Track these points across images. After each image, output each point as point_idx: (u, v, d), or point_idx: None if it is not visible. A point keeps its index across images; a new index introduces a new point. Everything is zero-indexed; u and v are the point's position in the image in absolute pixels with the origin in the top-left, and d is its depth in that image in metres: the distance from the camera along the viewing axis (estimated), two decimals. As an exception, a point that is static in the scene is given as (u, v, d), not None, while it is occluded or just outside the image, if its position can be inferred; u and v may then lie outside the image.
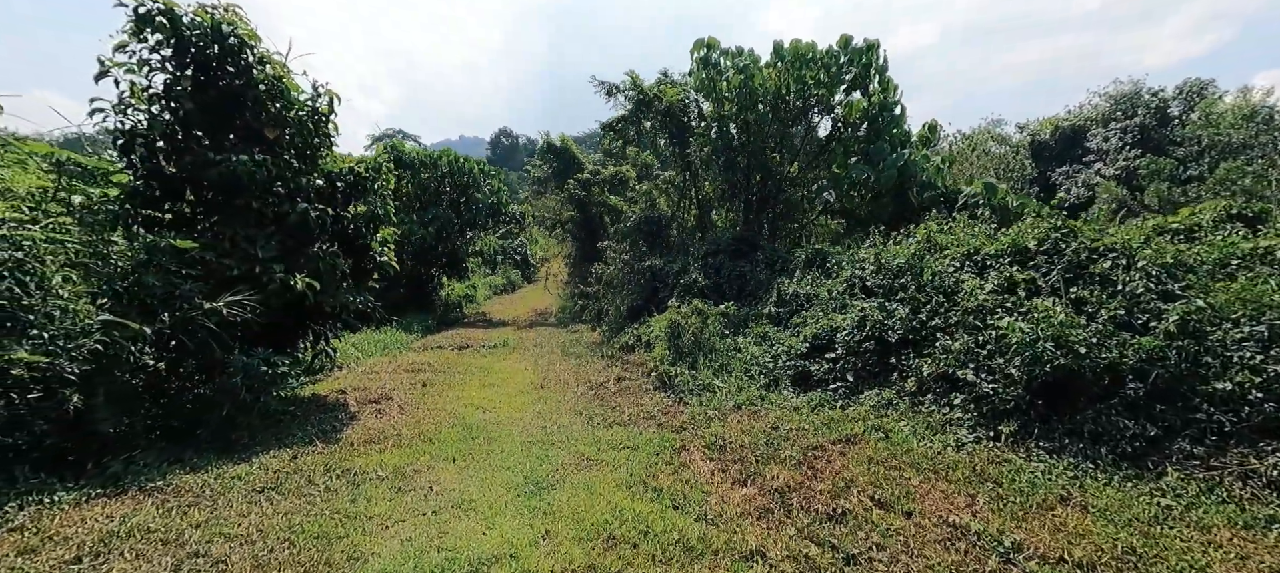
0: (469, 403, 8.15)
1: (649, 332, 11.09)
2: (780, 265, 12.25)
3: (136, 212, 6.53)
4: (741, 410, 7.28)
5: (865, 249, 9.54)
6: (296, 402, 7.69)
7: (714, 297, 11.99)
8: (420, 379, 9.57)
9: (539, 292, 30.11)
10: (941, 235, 8.31)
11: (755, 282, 11.90)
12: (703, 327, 9.53)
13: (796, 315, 9.48)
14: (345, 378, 9.53)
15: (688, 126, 15.87)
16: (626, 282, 15.04)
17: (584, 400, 8.32)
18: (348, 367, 10.67)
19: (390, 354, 12.48)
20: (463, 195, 20.09)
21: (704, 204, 16.38)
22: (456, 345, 14.02)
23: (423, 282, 20.52)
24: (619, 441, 6.39)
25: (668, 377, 8.57)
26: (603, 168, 21.41)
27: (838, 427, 6.24)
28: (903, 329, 7.18)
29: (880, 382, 7.14)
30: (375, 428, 6.86)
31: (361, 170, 7.68)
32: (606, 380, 9.31)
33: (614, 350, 11.75)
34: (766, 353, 8.73)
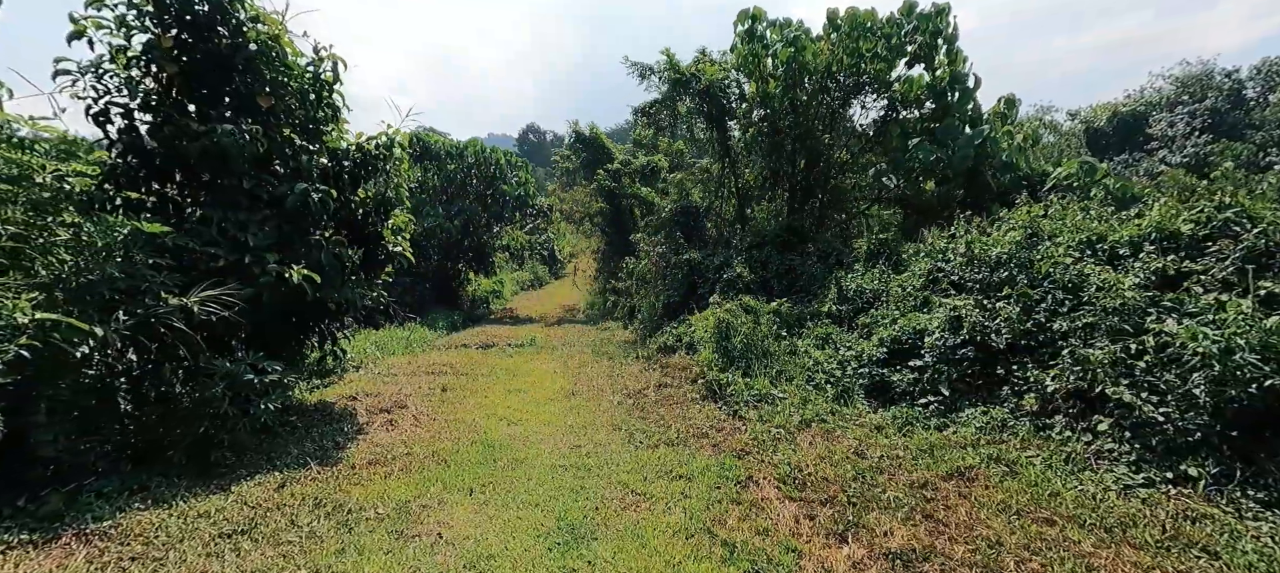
0: (492, 413, 7.08)
1: (690, 332, 9.87)
2: (835, 259, 10.88)
3: (118, 193, 5.64)
4: (811, 429, 6.01)
5: (944, 239, 8.13)
6: (299, 410, 6.75)
7: (760, 293, 10.70)
8: (440, 383, 8.56)
9: (566, 287, 29.19)
10: (1047, 221, 6.86)
11: (807, 276, 10.56)
12: (755, 327, 8.27)
13: (864, 315, 8.13)
14: (359, 381, 8.59)
15: (727, 109, 14.55)
16: (661, 277, 13.84)
17: (622, 411, 7.17)
18: (365, 367, 9.78)
19: (412, 353, 11.56)
20: (489, 188, 19.19)
21: (743, 194, 15.04)
22: (481, 344, 13.06)
23: (448, 277, 19.72)
24: (669, 466, 5.21)
25: (718, 385, 7.35)
26: (633, 158, 20.23)
27: (943, 456, 4.92)
28: (1012, 332, 5.80)
29: (985, 397, 5.78)
30: (383, 444, 5.84)
31: (371, 148, 6.67)
32: (645, 387, 8.14)
33: (651, 352, 10.57)
34: (832, 358, 7.42)
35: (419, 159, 18.59)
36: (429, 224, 17.09)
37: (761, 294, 10.66)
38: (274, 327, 6.12)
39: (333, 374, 8.49)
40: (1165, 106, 32.93)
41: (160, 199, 5.93)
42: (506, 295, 24.84)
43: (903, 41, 11.45)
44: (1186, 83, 32.88)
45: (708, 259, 12.28)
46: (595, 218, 20.65)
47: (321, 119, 6.54)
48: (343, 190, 6.60)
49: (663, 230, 14.19)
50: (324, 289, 6.08)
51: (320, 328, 6.76)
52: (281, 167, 6.22)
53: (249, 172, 5.77)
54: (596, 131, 20.71)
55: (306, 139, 6.41)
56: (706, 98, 14.09)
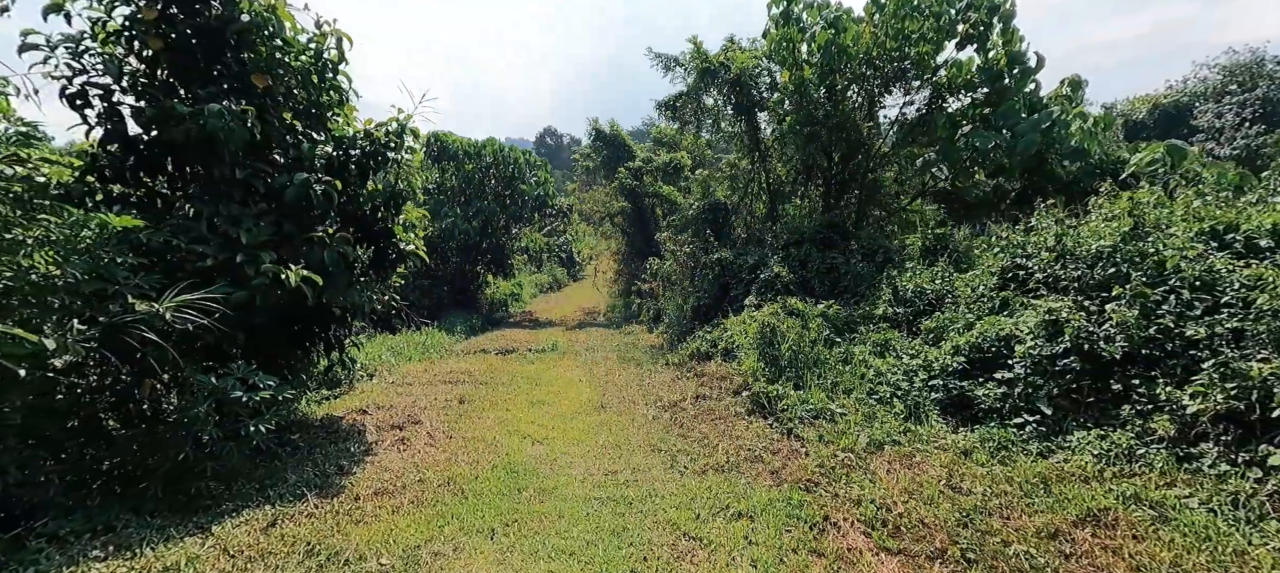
0: (514, 429, 6.30)
1: (726, 337, 9.00)
2: (882, 256, 9.92)
3: (102, 187, 5.00)
4: (884, 453, 5.12)
5: (1018, 232, 7.14)
6: (303, 426, 6.04)
7: (801, 294, 9.79)
8: (457, 393, 7.82)
9: (586, 290, 28.47)
10: (1152, 210, 5.86)
11: (852, 276, 9.62)
12: (803, 332, 7.37)
13: (928, 318, 7.18)
14: (371, 391, 7.88)
15: (757, 100, 13.66)
16: (689, 278, 12.99)
17: (659, 428, 6.33)
18: (379, 375, 9.09)
19: (428, 360, 10.87)
20: (508, 188, 18.54)
21: (774, 190, 14.12)
22: (501, 349, 12.34)
23: (467, 280, 19.12)
24: (723, 499, 4.36)
25: (766, 398, 6.47)
26: (655, 156, 19.41)
27: (1064, 494, 3.99)
28: (1130, 340, 4.83)
29: (1096, 417, 4.82)
30: (393, 469, 5.08)
31: (380, 135, 5.95)
32: (682, 399, 7.30)
33: (682, 358, 9.73)
34: (896, 368, 6.49)
35: (437, 159, 18.04)
36: (446, 225, 16.48)
37: (802, 295, 9.75)
38: (272, 335, 5.42)
39: (342, 385, 7.79)
40: (1212, 97, 31.05)
41: (149, 194, 5.28)
42: (525, 298, 24.19)
43: (954, 20, 10.45)
44: (1234, 71, 30.91)
45: (741, 258, 11.40)
46: (616, 218, 19.88)
47: (325, 103, 5.84)
48: (349, 182, 5.89)
49: (690, 228, 13.35)
50: (328, 292, 5.36)
51: (326, 335, 6.05)
52: (280, 155, 5.53)
53: (242, 160, 5.08)
54: (617, 129, 19.95)
55: (309, 125, 5.72)
56: (736, 88, 13.23)
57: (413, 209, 6.54)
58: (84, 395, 4.21)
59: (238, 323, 4.78)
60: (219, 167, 4.93)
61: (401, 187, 6.01)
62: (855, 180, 13.46)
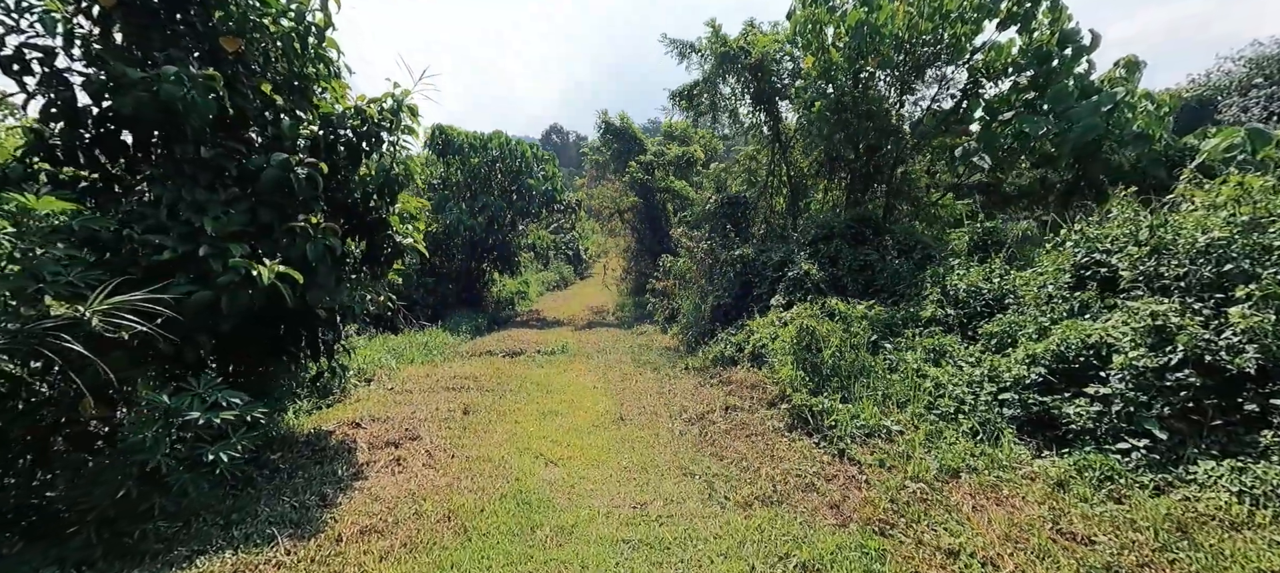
0: (525, 446, 5.52)
1: (753, 340, 8.19)
2: (920, 252, 9.08)
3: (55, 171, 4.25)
4: (960, 483, 4.31)
5: (1092, 225, 6.29)
6: (286, 443, 5.28)
7: (832, 293, 8.97)
8: (461, 402, 7.05)
9: (593, 288, 27.69)
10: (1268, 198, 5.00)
11: (890, 274, 8.78)
12: (847, 337, 6.56)
13: (986, 321, 6.35)
14: (367, 400, 7.12)
15: (778, 88, 12.83)
16: (706, 276, 12.19)
17: (689, 445, 5.54)
18: (378, 380, 8.33)
19: (431, 363, 10.12)
20: (514, 183, 17.77)
21: (796, 183, 13.28)
22: (509, 350, 11.58)
23: (473, 277, 18.38)
24: (778, 543, 3.58)
25: (810, 412, 5.67)
26: (666, 149, 18.59)
27: (1216, 545, 3.18)
28: (1266, 351, 4.00)
29: (1227, 443, 3.99)
30: (385, 499, 4.31)
31: (373, 113, 5.17)
32: (710, 410, 6.51)
33: (704, 363, 8.93)
34: (957, 379, 5.67)
35: (441, 153, 17.28)
36: (451, 220, 15.73)
37: (833, 295, 8.94)
38: (247, 341, 4.66)
39: (335, 393, 7.03)
40: (1237, 90, 29.93)
41: (105, 178, 4.52)
42: (532, 297, 23.44)
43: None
44: (1261, 64, 29.76)
45: (764, 255, 10.58)
46: (626, 214, 19.08)
47: (311, 76, 5.07)
48: (339, 167, 5.12)
49: (707, 224, 12.54)
50: (311, 291, 4.60)
51: (311, 339, 5.28)
52: (257, 134, 4.76)
53: (210, 138, 4.31)
54: (627, 121, 19.13)
55: (291, 100, 4.94)
56: (756, 74, 12.40)
57: (411, 199, 5.76)
58: (27, 413, 3.48)
59: (201, 328, 4.02)
60: (181, 145, 4.16)
61: (397, 172, 5.23)
62: (882, 173, 12.61)
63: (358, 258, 5.56)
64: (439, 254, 17.41)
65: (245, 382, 4.81)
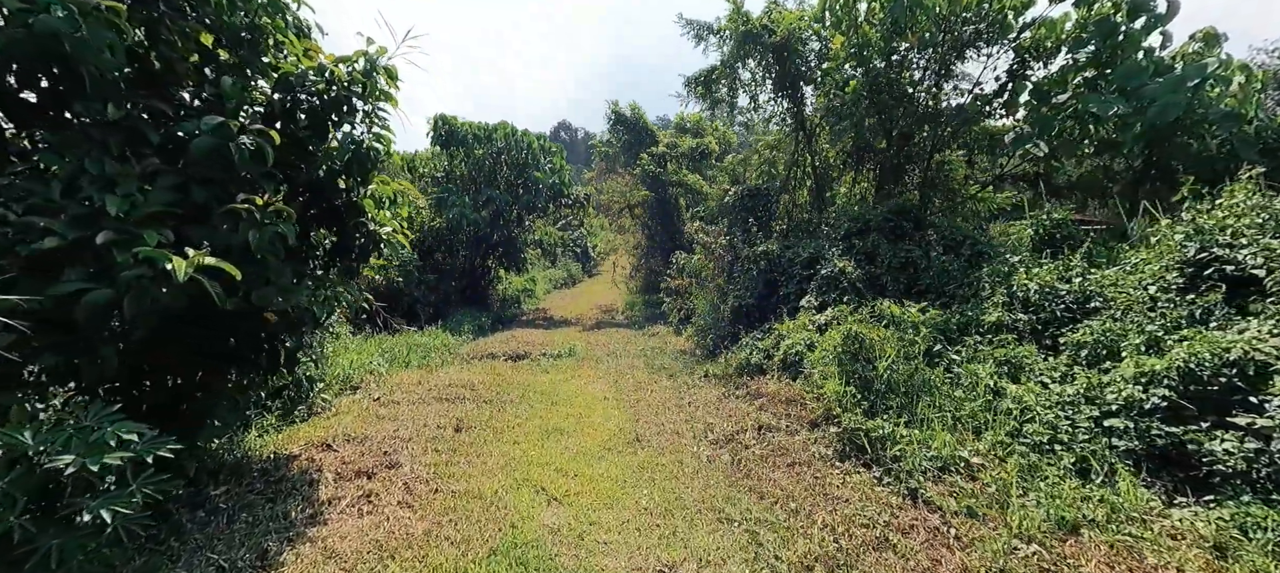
0: (524, 477, 4.56)
1: (785, 346, 7.18)
2: (970, 248, 8.02)
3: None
4: (1082, 540, 3.29)
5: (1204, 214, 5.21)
6: (238, 472, 4.35)
7: (870, 293, 7.95)
8: (454, 416, 6.10)
9: (602, 286, 26.75)
10: None
11: (936, 272, 7.73)
12: (903, 346, 5.54)
13: (1071, 329, 5.30)
14: (346, 413, 6.17)
15: (803, 72, 11.78)
16: (724, 273, 11.18)
17: (720, 477, 4.55)
18: (364, 387, 7.40)
19: (427, 367, 9.18)
20: (520, 176, 16.82)
21: (821, 173, 12.22)
22: (512, 353, 10.64)
23: (477, 275, 17.48)
24: (863, 637, 2.57)
25: (866, 438, 4.66)
26: (679, 141, 17.56)
27: None
28: None
29: None
30: (342, 554, 3.36)
31: (341, 75, 4.20)
32: (740, 430, 5.52)
33: (727, 370, 7.93)
34: (1045, 399, 4.64)
35: (445, 144, 16.37)
36: (453, 215, 14.82)
37: (871, 295, 7.91)
38: (172, 352, 3.72)
39: (306, 407, 6.06)
40: (1273, 83, 28.39)
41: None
42: (539, 294, 22.53)
43: (1056, -36, 8.48)
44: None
45: (790, 251, 9.55)
46: (636, 209, 18.08)
47: (265, 27, 4.11)
48: (299, 138, 4.16)
49: (726, 217, 11.52)
50: (259, 288, 3.66)
51: (269, 348, 4.33)
52: (194, 94, 3.82)
53: (124, 93, 3.37)
54: (638, 112, 18.11)
55: (240, 55, 3.99)
56: (779, 56, 11.35)
57: (390, 182, 4.79)
58: None
59: (103, 336, 3.08)
60: (82, 102, 3.22)
61: (368, 146, 4.26)
62: (914, 163, 11.55)
63: (326, 251, 4.61)
64: (442, 250, 16.53)
65: (173, 404, 3.86)
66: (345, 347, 9.03)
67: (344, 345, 9.02)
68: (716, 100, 13.53)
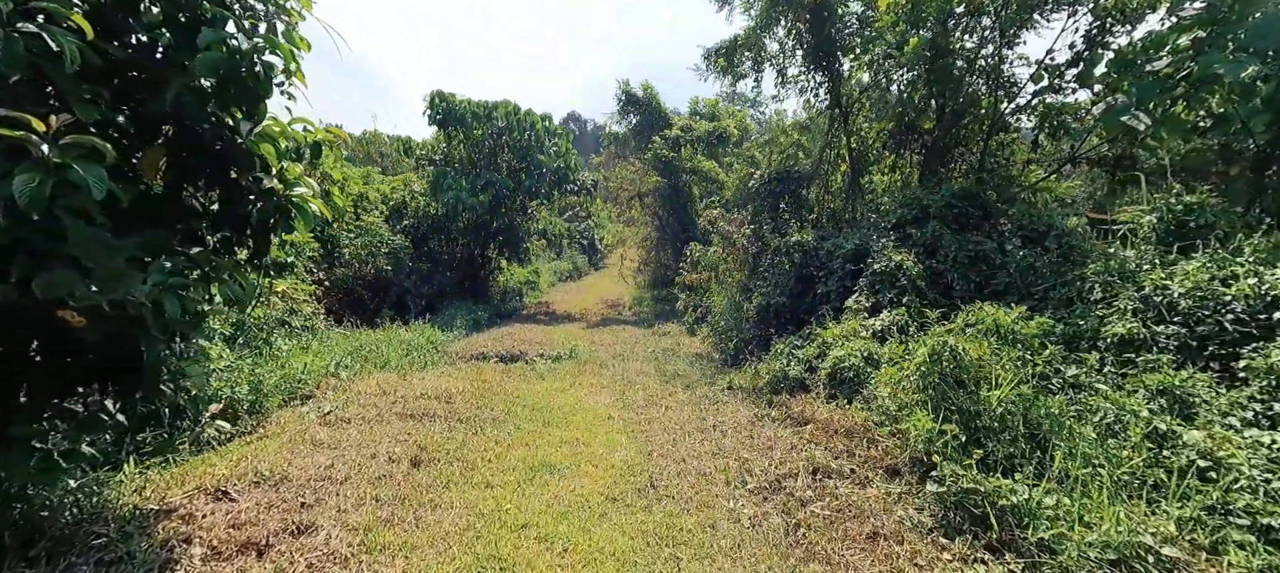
0: (491, 551, 3.10)
1: (835, 358, 5.67)
2: (1058, 240, 6.47)
3: None
4: None
5: None
6: (67, 540, 2.92)
7: (933, 292, 6.43)
8: (415, 443, 4.65)
9: (608, 280, 25.30)
10: None
11: (1020, 269, 6.18)
12: (1019, 369, 4.00)
13: (1258, 349, 3.76)
14: (274, 437, 4.71)
15: (840, 41, 10.19)
16: (747, 267, 9.66)
17: (774, 558, 3.07)
18: (319, 396, 5.97)
19: (404, 370, 7.76)
20: (523, 159, 15.33)
21: (857, 157, 10.62)
22: (506, 353, 9.21)
23: (476, 265, 16.07)
24: None
25: (988, 503, 3.15)
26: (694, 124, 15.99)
27: None
28: None
29: None
30: None
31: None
32: (789, 474, 4.03)
33: (758, 383, 6.44)
34: (1251, 455, 3.11)
35: (443, 124, 14.92)
36: (448, 199, 13.38)
37: (936, 295, 6.39)
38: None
39: (192, 437, 4.53)
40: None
41: None
42: (542, 287, 21.12)
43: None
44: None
45: (830, 242, 8.02)
46: (647, 198, 16.55)
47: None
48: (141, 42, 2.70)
49: (751, 204, 9.98)
50: (46, 272, 2.21)
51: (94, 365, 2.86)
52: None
53: None
54: (651, 92, 16.53)
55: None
56: (815, 19, 9.77)
57: (313, 127, 3.30)
58: None
59: None
60: None
61: (255, 58, 2.76)
62: (966, 144, 9.96)
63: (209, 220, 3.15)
64: (438, 238, 15.14)
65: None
66: (306, 345, 7.62)
67: (304, 344, 7.61)
68: (739, 76, 11.96)
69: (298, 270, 7.54)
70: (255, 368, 5.20)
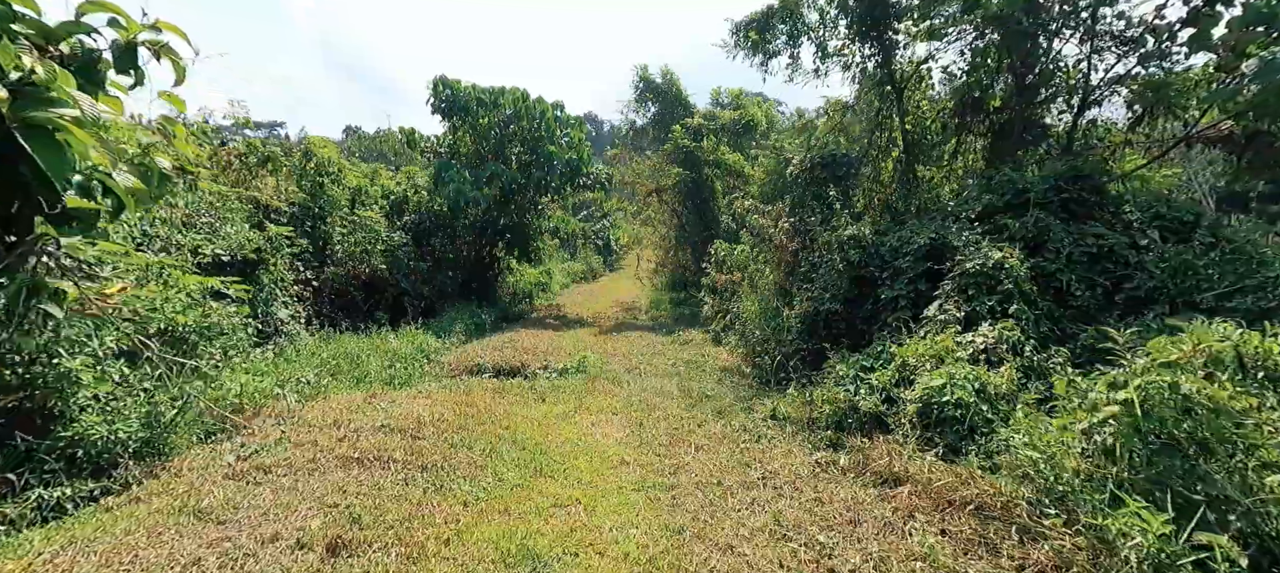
0: None
1: (926, 389, 4.10)
2: (1209, 233, 4.82)
3: None
4: None
5: None
6: None
7: (1044, 300, 4.83)
8: (345, 511, 3.21)
9: (624, 282, 23.86)
10: None
11: (1173, 270, 4.56)
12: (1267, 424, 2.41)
13: None
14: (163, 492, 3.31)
15: (893, 6, 8.60)
16: (784, 266, 8.11)
17: None
18: (254, 424, 4.62)
19: (376, 388, 6.39)
20: (532, 152, 13.95)
21: (913, 141, 8.99)
22: (504, 366, 7.82)
23: (483, 265, 14.72)
24: None
25: None
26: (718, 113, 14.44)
27: None
28: None
29: None
30: None
31: None
32: None
33: (814, 415, 4.89)
34: None
35: (447, 113, 13.62)
36: (451, 192, 12.06)
37: (1048, 303, 4.79)
38: None
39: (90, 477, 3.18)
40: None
41: None
42: (555, 289, 19.75)
43: None
44: None
45: (896, 238, 6.43)
46: (665, 193, 15.05)
47: None
48: None
49: (791, 193, 8.43)
50: None
51: None
52: None
53: None
54: (672, 78, 15.03)
55: None
56: (868, -22, 8.19)
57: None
58: None
59: None
60: None
61: None
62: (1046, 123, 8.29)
63: None
64: (440, 235, 13.83)
65: None
66: (266, 355, 6.28)
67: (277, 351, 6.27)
68: (771, 53, 10.39)
69: (119, 238, 6.21)
70: (156, 393, 3.86)
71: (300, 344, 7.95)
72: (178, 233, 7.14)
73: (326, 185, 11.64)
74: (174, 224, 7.25)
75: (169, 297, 4.42)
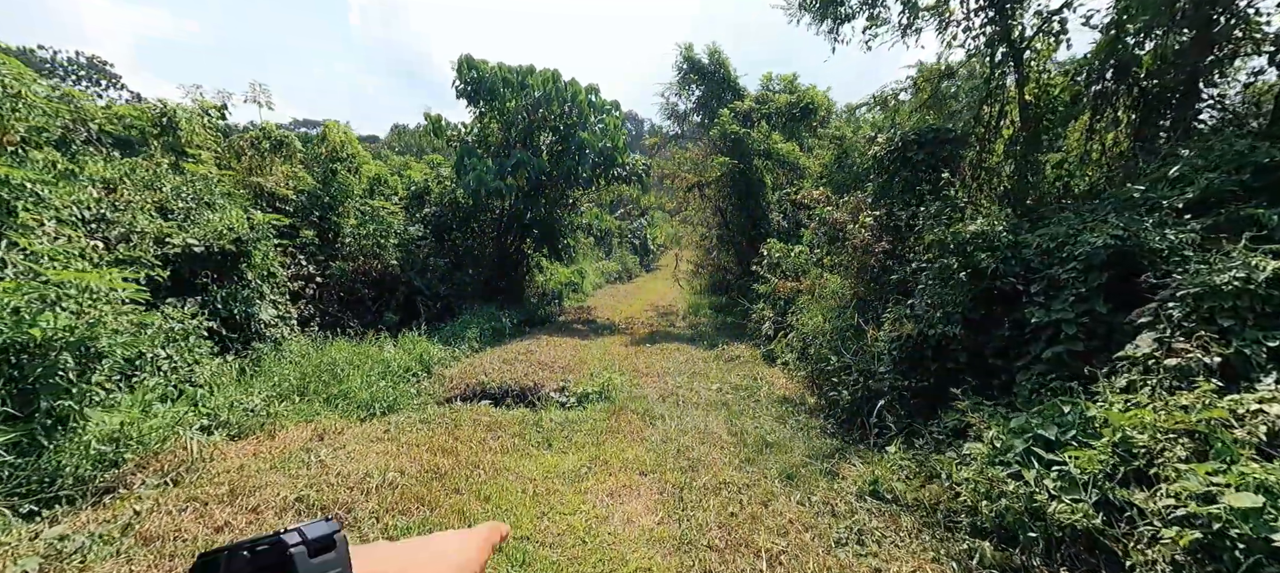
0: None
1: (1223, 517, 2.22)
2: None
3: None
4: None
5: None
6: None
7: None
8: None
9: (661, 283, 22.17)
10: None
11: None
12: None
13: None
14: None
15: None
16: (872, 272, 6.20)
17: None
18: (122, 493, 3.24)
19: (335, 423, 4.95)
20: (563, 140, 12.46)
21: (1035, 116, 6.86)
22: (510, 387, 6.30)
23: (509, 263, 13.34)
24: None
25: None
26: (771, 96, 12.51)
27: None
28: None
29: None
30: None
31: None
32: None
33: (956, 508, 3.06)
34: None
35: (472, 98, 12.30)
36: (471, 181, 10.70)
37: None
38: None
39: None
40: None
41: None
42: (587, 289, 18.26)
43: None
44: None
45: (1044, 237, 4.43)
46: (709, 188, 13.23)
47: None
48: None
49: (876, 179, 6.50)
50: None
51: None
52: None
53: None
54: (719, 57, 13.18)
55: None
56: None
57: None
58: None
59: None
60: None
61: None
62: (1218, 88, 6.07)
63: None
64: (461, 229, 12.55)
65: None
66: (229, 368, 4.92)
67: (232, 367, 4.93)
68: (843, 17, 8.43)
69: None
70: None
71: (284, 351, 6.69)
72: (144, 218, 5.98)
73: (340, 172, 10.57)
74: (144, 209, 6.11)
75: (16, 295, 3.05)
